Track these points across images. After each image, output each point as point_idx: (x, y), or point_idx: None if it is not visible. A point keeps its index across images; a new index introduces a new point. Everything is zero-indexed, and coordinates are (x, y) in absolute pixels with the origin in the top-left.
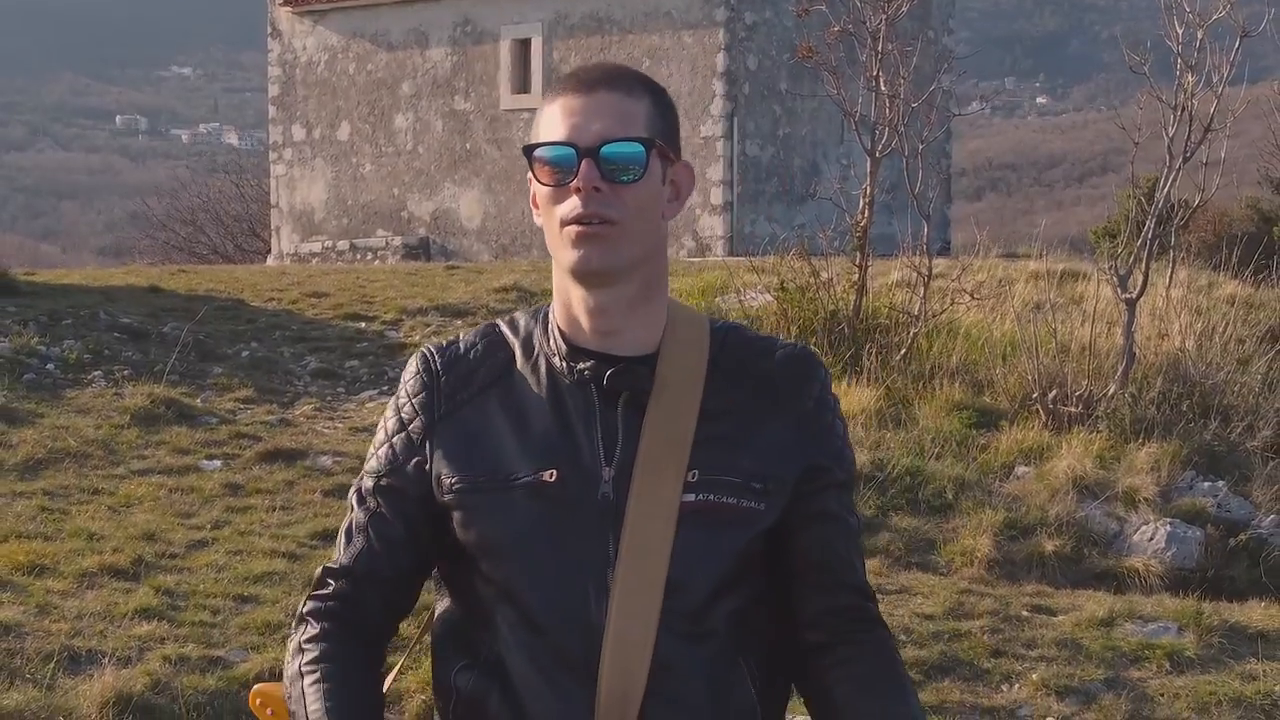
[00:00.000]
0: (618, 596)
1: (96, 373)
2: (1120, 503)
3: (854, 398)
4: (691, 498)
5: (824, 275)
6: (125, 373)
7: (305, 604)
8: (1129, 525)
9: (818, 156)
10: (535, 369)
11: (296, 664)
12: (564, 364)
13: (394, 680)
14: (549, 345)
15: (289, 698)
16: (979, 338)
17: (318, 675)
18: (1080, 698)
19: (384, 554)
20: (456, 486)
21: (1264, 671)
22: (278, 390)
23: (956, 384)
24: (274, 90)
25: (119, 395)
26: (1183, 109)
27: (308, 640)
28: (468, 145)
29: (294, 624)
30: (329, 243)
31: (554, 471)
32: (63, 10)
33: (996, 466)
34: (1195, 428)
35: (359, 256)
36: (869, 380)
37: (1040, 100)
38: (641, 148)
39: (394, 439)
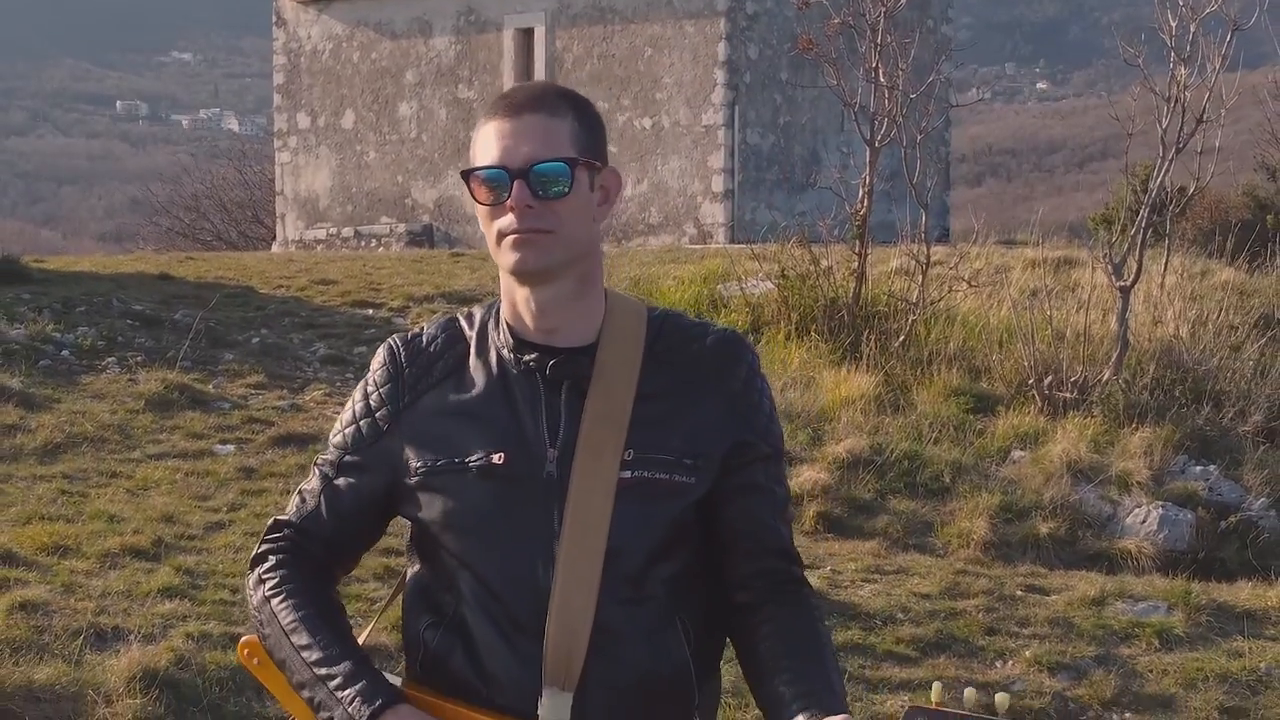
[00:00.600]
0: (561, 565)
1: (110, 359)
2: (1114, 486)
3: (853, 383)
4: (628, 474)
5: (824, 263)
6: (138, 359)
7: (259, 547)
8: (1122, 508)
9: (818, 145)
10: (486, 361)
11: (260, 593)
12: (512, 355)
13: (364, 639)
14: (499, 338)
15: (260, 624)
16: (976, 324)
17: (282, 595)
18: (1071, 674)
19: (329, 520)
20: (420, 470)
21: (1250, 649)
22: (288, 376)
23: (954, 370)
24: (279, 78)
25: (133, 381)
26: (1175, 100)
27: (266, 571)
28: (471, 133)
29: (250, 567)
30: (333, 230)
31: (503, 454)
32: None
33: (993, 451)
34: (1188, 413)
35: (363, 243)
36: (868, 366)
37: (1040, 86)
38: (566, 166)
39: (360, 422)
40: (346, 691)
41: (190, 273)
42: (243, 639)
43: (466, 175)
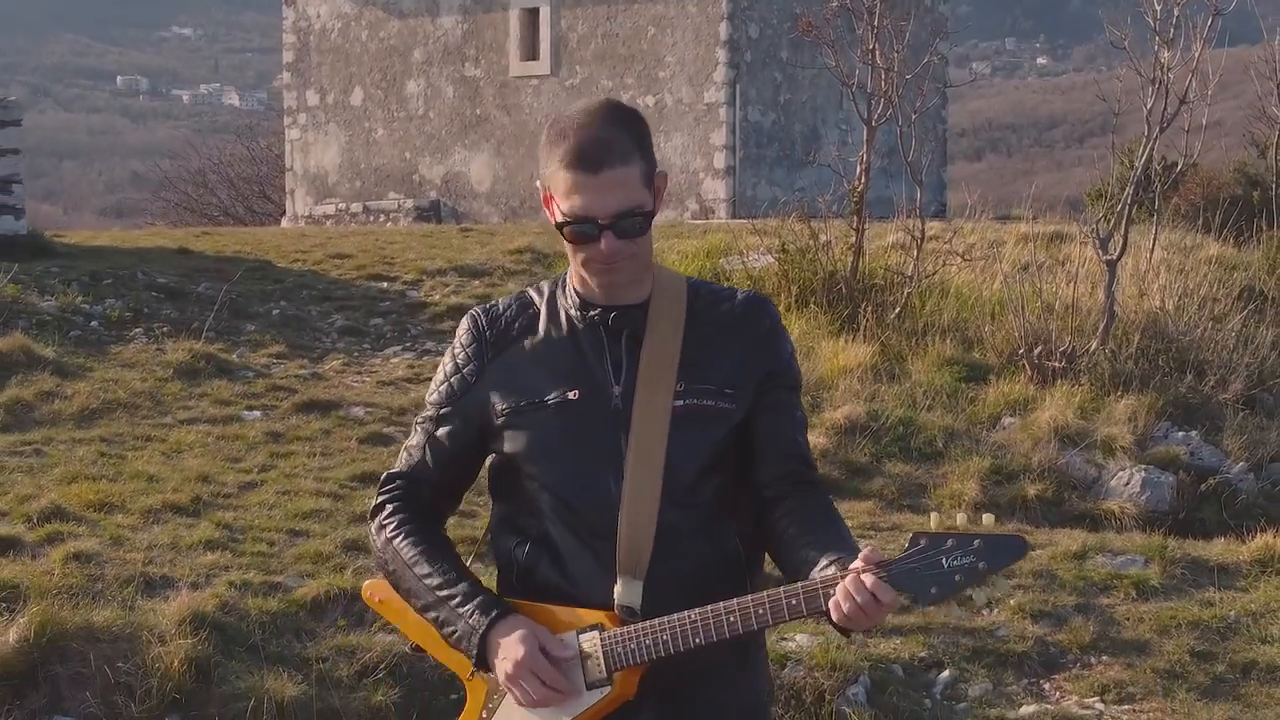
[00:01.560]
0: (629, 478)
1: (137, 330)
2: (1099, 451)
3: (851, 353)
4: (680, 403)
5: (823, 238)
6: (164, 330)
7: (377, 499)
8: (1107, 471)
9: (817, 122)
10: (557, 320)
11: (382, 536)
12: (579, 313)
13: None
14: (566, 301)
15: (385, 563)
16: (969, 297)
17: (402, 535)
18: (1053, 621)
19: (434, 467)
20: (505, 411)
21: (1220, 599)
22: (307, 346)
23: (947, 341)
24: (288, 57)
25: (161, 350)
26: (1159, 83)
27: (386, 518)
28: (478, 111)
29: (370, 516)
30: (342, 205)
31: (576, 391)
32: None
33: (984, 417)
34: (1171, 381)
35: (372, 218)
36: (865, 337)
37: (1041, 61)
38: (641, 215)
39: (451, 379)
40: (466, 607)
41: (209, 247)
42: (365, 584)
43: (560, 226)
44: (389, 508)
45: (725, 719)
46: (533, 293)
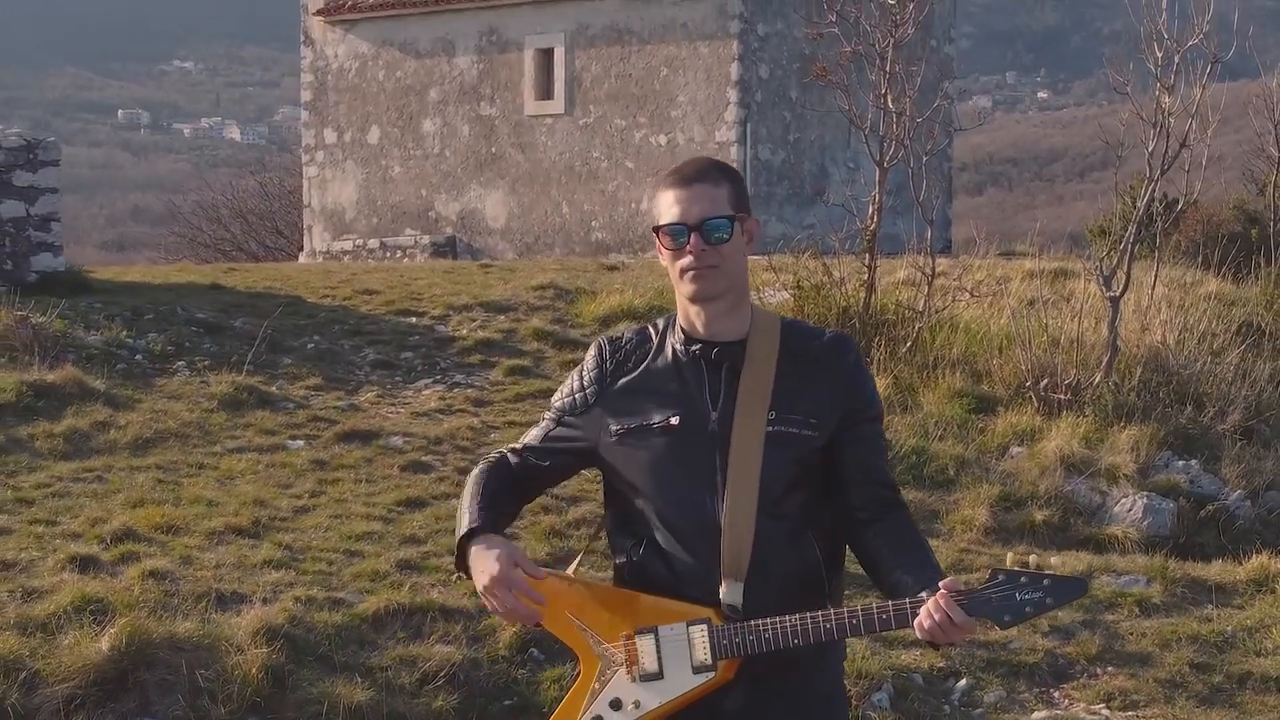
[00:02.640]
0: (729, 493)
1: (180, 363)
2: (1103, 478)
3: None
4: (771, 429)
5: (836, 274)
6: (205, 363)
7: (491, 453)
8: (1110, 498)
9: (826, 160)
10: (664, 354)
11: (473, 471)
12: (684, 348)
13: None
14: (675, 337)
15: (467, 486)
16: (978, 331)
17: (479, 474)
18: (1061, 635)
19: (537, 453)
20: (617, 431)
21: (1218, 615)
22: (342, 379)
23: (957, 373)
24: (306, 95)
25: (205, 383)
26: (1160, 126)
27: (482, 464)
28: (493, 149)
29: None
30: (360, 241)
31: (677, 416)
32: (64, 4)
33: (993, 447)
34: (1172, 412)
35: (388, 254)
36: (878, 370)
37: (1041, 95)
38: (727, 220)
39: (575, 395)
40: (465, 519)
41: (239, 282)
42: None
43: (656, 230)
44: (489, 459)
45: (804, 703)
46: (650, 328)
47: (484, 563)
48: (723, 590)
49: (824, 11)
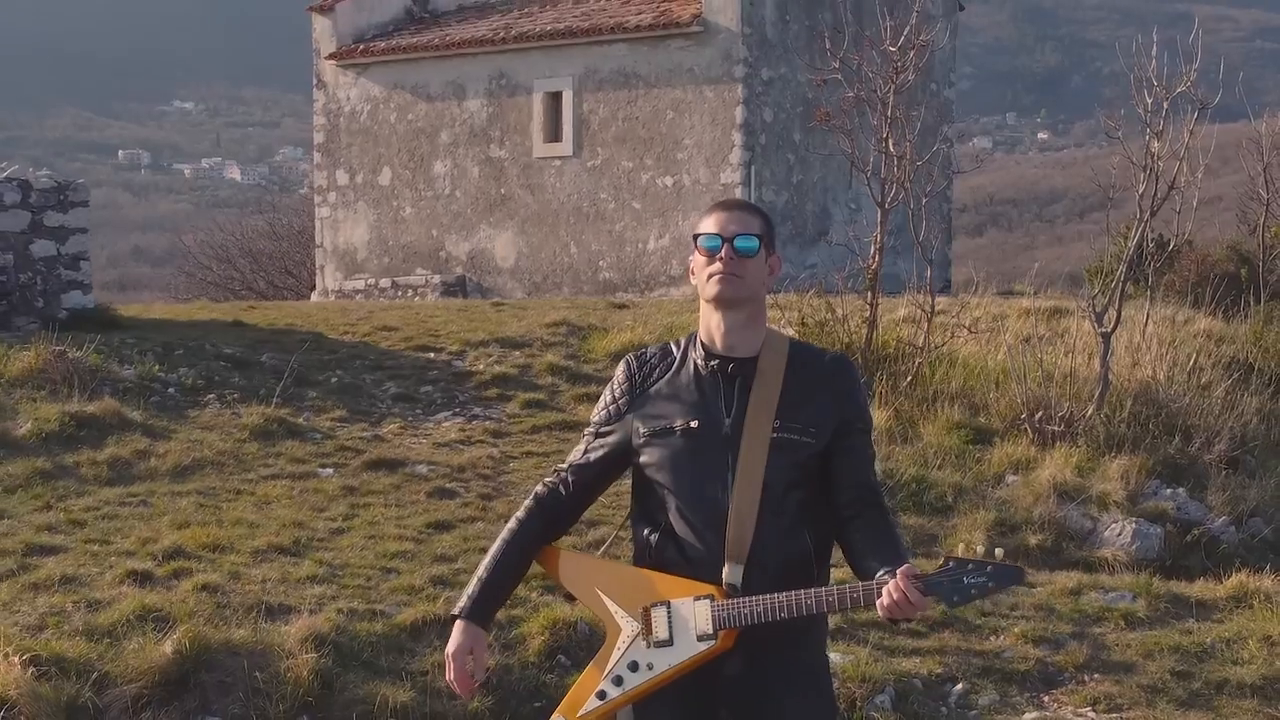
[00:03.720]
0: (736, 490)
1: (210, 396)
2: (1094, 505)
3: None
4: (776, 435)
5: (839, 312)
6: (235, 396)
7: (538, 486)
8: (1101, 523)
9: (828, 201)
10: (686, 367)
11: (510, 520)
12: (703, 361)
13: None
14: (695, 352)
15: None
16: (976, 367)
17: (517, 524)
18: (1051, 646)
19: (589, 466)
20: (644, 434)
21: (1198, 628)
22: (365, 411)
23: (956, 406)
24: (319, 138)
25: (236, 415)
26: (1149, 170)
27: (522, 511)
28: (502, 190)
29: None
30: (371, 280)
31: (696, 421)
32: (64, 45)
33: (989, 475)
34: (1160, 443)
35: (400, 293)
36: (880, 403)
37: (1042, 136)
38: (757, 241)
39: (609, 406)
40: (470, 591)
41: (260, 320)
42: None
43: (695, 237)
44: (532, 500)
45: (793, 673)
46: (673, 344)
47: (453, 640)
48: (725, 571)
49: (827, 57)
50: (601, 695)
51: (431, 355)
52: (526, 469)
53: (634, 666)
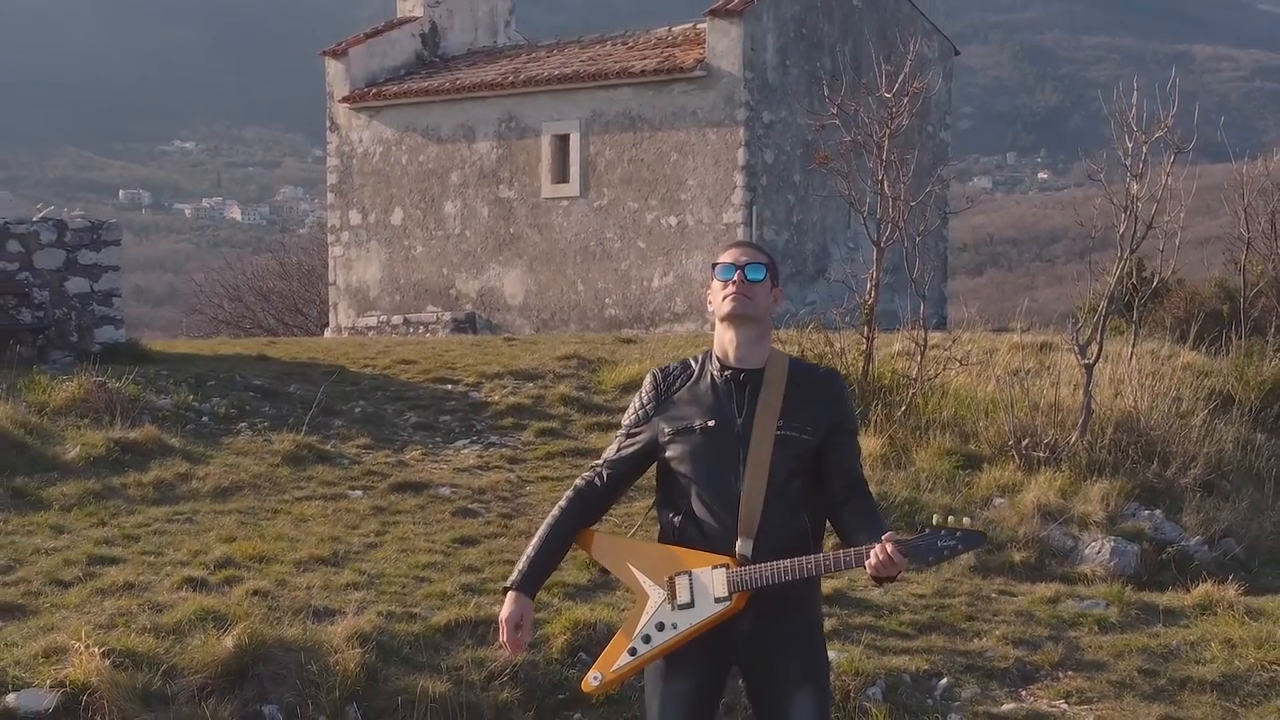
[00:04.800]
0: (746, 477)
1: (242, 424)
2: (1076, 525)
3: (862, 446)
4: (779, 433)
5: (837, 345)
6: (265, 424)
7: (584, 473)
8: (1082, 542)
9: (827, 240)
10: (704, 377)
11: (556, 505)
12: (719, 372)
13: (634, 533)
14: (711, 365)
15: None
16: (966, 397)
17: (561, 511)
18: (1029, 647)
19: (621, 460)
20: (669, 432)
21: (1165, 633)
22: (388, 439)
23: (947, 434)
24: (332, 178)
25: (268, 442)
26: (1129, 211)
27: (564, 500)
28: (511, 230)
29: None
30: (383, 317)
31: (714, 421)
32: (65, 85)
33: (978, 498)
34: (1139, 468)
35: (411, 330)
36: (875, 431)
37: (1042, 175)
38: (764, 271)
39: (638, 411)
40: (521, 569)
41: (283, 354)
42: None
43: (714, 267)
44: (572, 491)
45: (793, 632)
46: (691, 360)
47: (505, 609)
48: (738, 544)
49: (826, 103)
50: (633, 652)
51: (449, 387)
52: (542, 492)
53: (660, 626)
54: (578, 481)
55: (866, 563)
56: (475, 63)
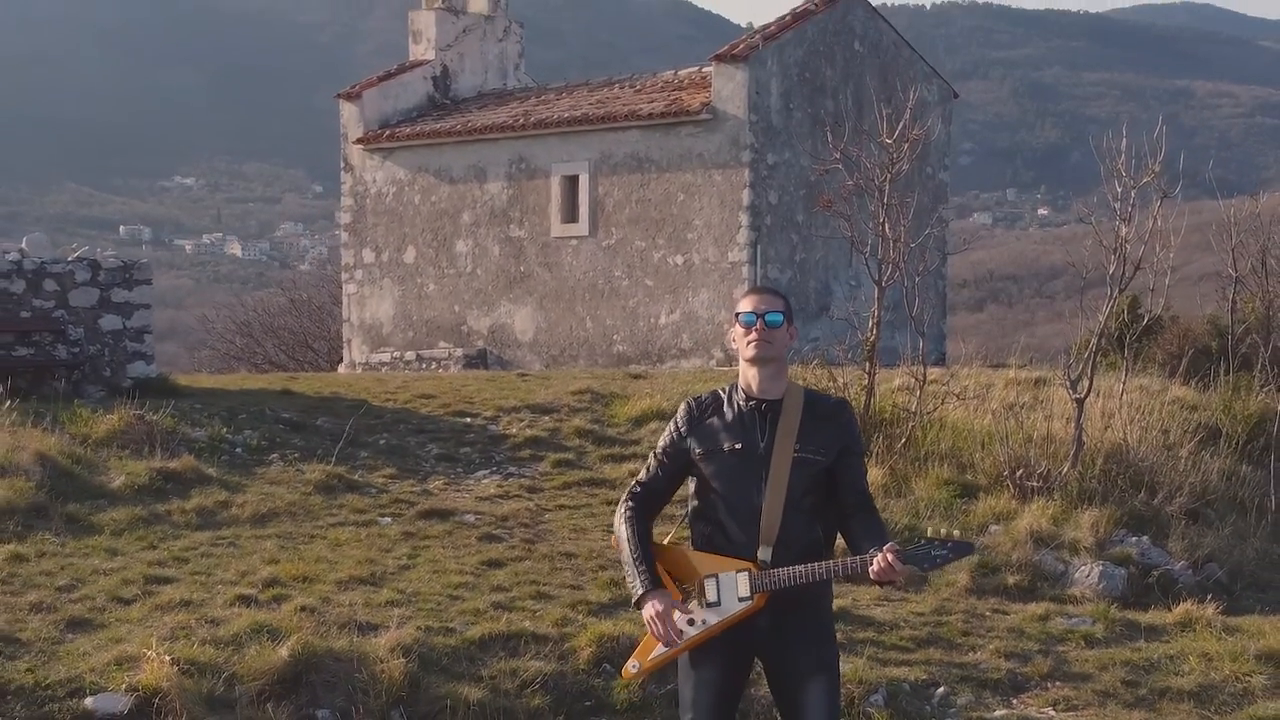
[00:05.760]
0: (767, 494)
1: (273, 455)
2: (1066, 550)
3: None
4: (796, 455)
5: (840, 380)
6: (295, 455)
7: (626, 494)
8: (1072, 566)
9: (829, 278)
10: (731, 406)
11: (621, 517)
12: (744, 402)
13: (673, 536)
14: (738, 396)
15: (620, 537)
16: (964, 430)
17: (627, 523)
18: (1020, 659)
19: (657, 481)
20: (701, 453)
21: (1147, 647)
22: (412, 470)
23: (945, 465)
24: (346, 218)
25: (300, 471)
26: (1118, 252)
27: (626, 511)
28: (521, 268)
29: (621, 503)
30: (396, 353)
31: (740, 444)
32: (66, 122)
33: (974, 525)
34: (1128, 496)
35: (424, 366)
36: (877, 462)
37: (1042, 211)
38: (781, 316)
39: (673, 433)
40: (641, 575)
41: (306, 388)
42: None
43: (736, 316)
44: (630, 502)
45: (808, 628)
46: (719, 390)
47: (651, 607)
48: (759, 551)
49: (828, 146)
50: (669, 643)
51: (468, 420)
52: (561, 519)
53: (691, 623)
54: (628, 500)
55: (870, 568)
56: (486, 105)
